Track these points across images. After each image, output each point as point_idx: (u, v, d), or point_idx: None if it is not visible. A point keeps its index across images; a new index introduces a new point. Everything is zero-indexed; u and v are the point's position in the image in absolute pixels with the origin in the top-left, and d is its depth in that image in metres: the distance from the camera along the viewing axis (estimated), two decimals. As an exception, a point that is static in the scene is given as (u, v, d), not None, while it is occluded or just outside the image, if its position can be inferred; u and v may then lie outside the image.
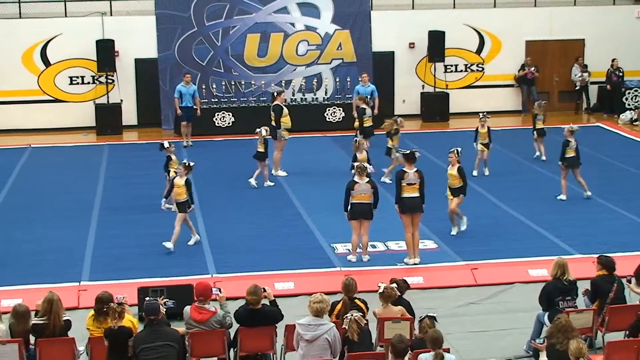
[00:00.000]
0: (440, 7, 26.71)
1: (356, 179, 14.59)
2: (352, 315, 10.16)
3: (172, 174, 17.19)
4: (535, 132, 21.17)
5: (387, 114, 25.38)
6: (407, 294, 11.34)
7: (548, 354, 9.69)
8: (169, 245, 15.14)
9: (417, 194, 14.47)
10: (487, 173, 19.96)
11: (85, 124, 25.13)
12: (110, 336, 9.89)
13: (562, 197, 18.00)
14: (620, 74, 26.88)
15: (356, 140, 17.94)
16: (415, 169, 14.56)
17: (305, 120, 22.77)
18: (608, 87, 26.88)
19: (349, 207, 14.61)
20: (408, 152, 14.83)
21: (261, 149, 19.20)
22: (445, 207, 15.89)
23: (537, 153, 21.48)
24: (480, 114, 20.06)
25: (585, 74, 26.79)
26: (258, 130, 19.14)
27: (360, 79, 23.46)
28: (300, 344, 9.96)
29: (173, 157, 17.32)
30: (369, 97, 21.85)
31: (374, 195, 14.58)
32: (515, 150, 22.31)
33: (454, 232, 15.93)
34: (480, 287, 13.99)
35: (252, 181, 19.25)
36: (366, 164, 15.22)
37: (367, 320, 10.38)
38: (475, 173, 19.59)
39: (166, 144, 17.42)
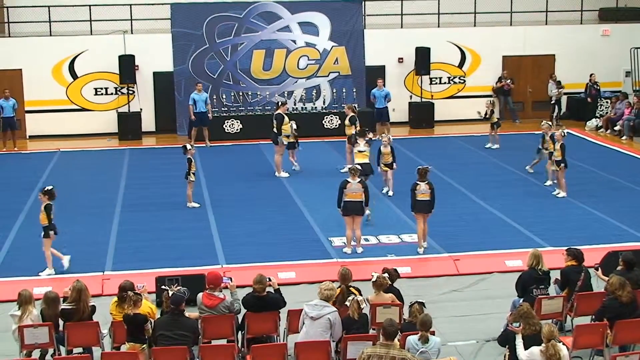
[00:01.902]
0: (426, 26, 26.76)
1: (349, 179, 14.57)
2: (354, 297, 10.26)
3: (191, 176, 17.13)
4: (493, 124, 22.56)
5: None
6: (397, 282, 11.32)
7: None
8: (48, 272, 13.64)
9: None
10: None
11: (109, 130, 25.09)
12: (127, 321, 9.91)
13: (563, 194, 17.95)
14: (597, 87, 26.85)
15: (382, 135, 18.23)
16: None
17: (305, 127, 22.60)
18: (589, 99, 26.77)
19: (342, 205, 14.59)
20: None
21: (291, 140, 20.00)
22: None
23: (490, 144, 22.63)
24: (563, 132, 18.28)
25: (561, 89, 26.74)
26: (289, 123, 19.87)
27: (377, 85, 24.08)
28: (305, 322, 9.97)
29: (193, 159, 17.25)
30: (384, 99, 23.59)
31: (365, 194, 14.56)
32: (493, 153, 22.28)
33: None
34: (462, 276, 13.96)
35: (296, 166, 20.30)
36: (357, 166, 15.13)
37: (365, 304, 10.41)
38: (549, 183, 18.75)
39: (188, 146, 17.32)
